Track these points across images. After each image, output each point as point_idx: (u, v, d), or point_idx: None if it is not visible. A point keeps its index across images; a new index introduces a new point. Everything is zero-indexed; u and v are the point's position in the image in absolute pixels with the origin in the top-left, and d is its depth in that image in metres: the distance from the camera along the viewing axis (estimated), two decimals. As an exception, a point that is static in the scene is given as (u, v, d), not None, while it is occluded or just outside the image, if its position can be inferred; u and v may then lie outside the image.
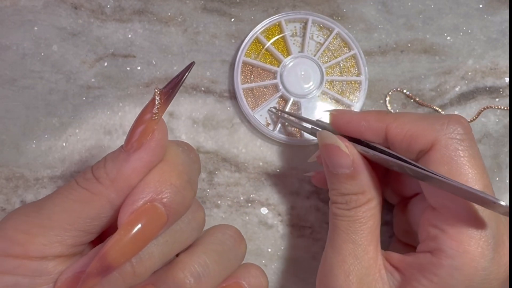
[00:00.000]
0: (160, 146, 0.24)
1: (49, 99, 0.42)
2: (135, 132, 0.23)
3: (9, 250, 0.22)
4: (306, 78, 0.43)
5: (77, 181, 0.24)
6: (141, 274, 0.24)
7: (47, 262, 0.23)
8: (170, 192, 0.23)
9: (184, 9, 0.45)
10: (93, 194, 0.23)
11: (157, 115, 0.23)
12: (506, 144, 0.44)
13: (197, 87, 0.43)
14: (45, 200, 0.24)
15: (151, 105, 0.23)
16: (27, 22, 0.43)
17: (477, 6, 0.46)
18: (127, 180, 0.23)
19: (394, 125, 0.29)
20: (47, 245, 0.22)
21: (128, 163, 0.23)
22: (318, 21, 0.44)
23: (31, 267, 0.22)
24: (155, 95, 0.23)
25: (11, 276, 0.22)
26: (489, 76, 0.45)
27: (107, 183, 0.23)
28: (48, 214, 0.23)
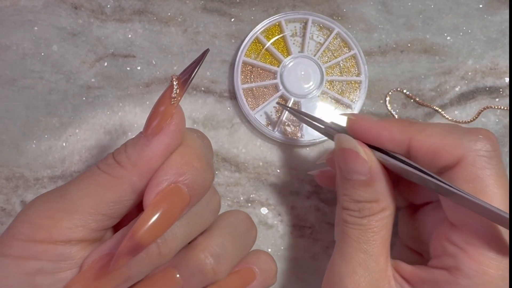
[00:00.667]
0: (179, 130, 0.24)
1: (49, 99, 0.42)
2: (154, 117, 0.24)
3: (34, 235, 0.22)
4: (306, 78, 0.43)
5: (98, 166, 0.24)
6: (166, 254, 0.24)
7: (71, 247, 0.23)
8: (192, 174, 0.24)
9: (184, 9, 0.45)
10: (116, 178, 0.24)
11: (175, 99, 0.24)
12: (506, 144, 0.44)
13: (197, 87, 0.43)
14: (67, 186, 0.24)
15: (169, 91, 0.24)
16: (27, 22, 0.43)
17: (477, 6, 0.46)
18: (148, 163, 0.24)
19: (418, 138, 0.27)
20: (72, 229, 0.23)
21: (148, 147, 0.24)
22: (318, 21, 0.44)
23: (56, 252, 0.23)
24: (172, 80, 0.24)
25: (36, 261, 0.22)
26: (489, 76, 0.45)
27: (128, 167, 0.24)
28: (72, 199, 0.23)
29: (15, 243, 0.23)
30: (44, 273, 0.23)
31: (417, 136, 0.27)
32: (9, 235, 0.23)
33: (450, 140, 0.27)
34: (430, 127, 0.28)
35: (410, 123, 0.29)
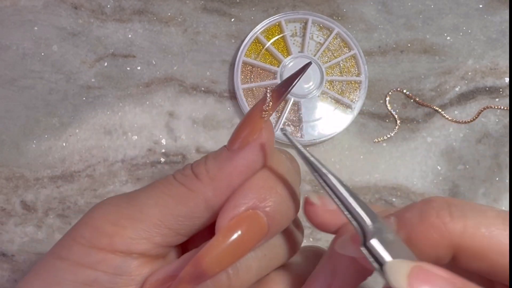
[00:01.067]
0: (266, 147, 0.22)
1: (49, 99, 0.42)
2: (241, 130, 0.22)
3: (95, 240, 0.21)
4: (306, 78, 0.43)
5: (174, 176, 0.22)
6: (237, 286, 0.22)
7: (131, 260, 0.21)
8: (275, 201, 0.21)
9: (184, 9, 0.45)
10: (190, 191, 0.22)
11: (266, 113, 0.22)
12: (506, 144, 0.44)
13: (197, 87, 0.43)
14: (138, 192, 0.22)
15: (261, 103, 0.22)
16: (27, 22, 0.43)
17: (477, 6, 0.46)
18: (227, 179, 0.22)
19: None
20: (135, 240, 0.21)
21: (230, 162, 0.22)
22: (318, 21, 0.44)
23: (114, 263, 0.21)
24: (266, 93, 0.22)
25: (93, 270, 0.21)
26: (489, 76, 0.45)
27: (206, 180, 0.22)
28: (140, 207, 0.22)
29: (75, 247, 0.21)
30: (98, 286, 0.21)
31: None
32: (71, 236, 0.21)
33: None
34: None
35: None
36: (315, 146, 0.43)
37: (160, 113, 0.43)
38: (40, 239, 0.40)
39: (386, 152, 0.43)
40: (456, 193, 0.43)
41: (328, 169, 0.22)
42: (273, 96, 0.22)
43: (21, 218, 0.41)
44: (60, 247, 0.21)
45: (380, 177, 0.43)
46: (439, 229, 0.19)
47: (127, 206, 0.22)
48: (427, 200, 0.20)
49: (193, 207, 0.22)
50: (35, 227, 0.41)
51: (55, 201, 0.41)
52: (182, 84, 0.43)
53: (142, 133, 0.42)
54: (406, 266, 0.18)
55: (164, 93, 0.43)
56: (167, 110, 0.43)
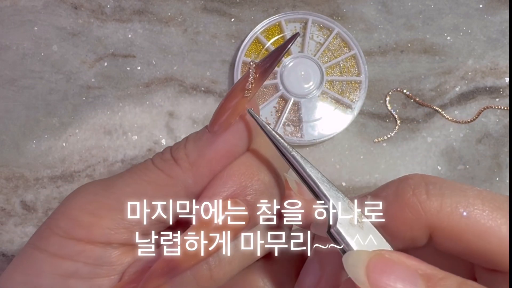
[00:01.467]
0: (250, 129, 0.20)
1: (49, 99, 0.42)
2: (223, 110, 0.20)
3: (73, 232, 0.20)
4: (306, 78, 0.43)
5: (153, 161, 0.21)
6: (218, 279, 0.21)
7: (111, 250, 0.20)
8: (257, 190, 0.20)
9: (184, 9, 0.45)
10: (169, 177, 0.20)
11: (250, 92, 0.20)
12: (506, 144, 0.44)
13: (197, 87, 0.43)
14: (116, 179, 0.21)
15: (244, 80, 0.20)
16: (27, 22, 0.43)
17: (477, 6, 0.46)
18: (208, 165, 0.20)
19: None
20: (113, 230, 0.20)
21: (211, 145, 0.20)
22: (318, 21, 0.44)
23: (94, 254, 0.20)
24: (250, 68, 0.20)
25: (72, 262, 0.20)
26: (489, 76, 0.45)
27: (185, 165, 0.20)
28: (118, 195, 0.20)
29: (52, 238, 0.20)
30: (79, 277, 0.20)
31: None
32: (48, 226, 0.20)
33: None
34: None
35: None
36: (315, 146, 0.43)
37: (160, 113, 0.43)
38: (40, 239, 0.40)
39: (386, 152, 0.43)
40: (456, 193, 0.43)
41: (296, 151, 0.20)
42: (257, 72, 0.20)
43: (21, 218, 0.41)
44: (38, 237, 0.21)
45: (380, 177, 0.43)
46: (415, 208, 0.18)
47: (105, 194, 0.20)
48: (404, 177, 0.19)
49: (173, 195, 0.20)
50: (35, 227, 0.41)
51: (55, 201, 0.41)
52: (182, 84, 0.43)
53: (142, 133, 0.42)
54: (364, 257, 0.17)
55: (164, 93, 0.43)
56: (167, 110, 0.43)
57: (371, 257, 0.17)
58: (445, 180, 0.19)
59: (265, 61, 0.20)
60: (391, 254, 0.17)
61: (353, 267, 0.17)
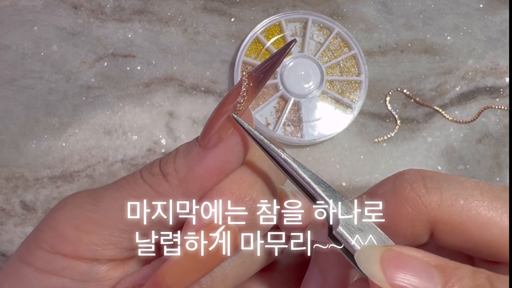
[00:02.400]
0: (243, 144, 0.19)
1: (49, 99, 0.42)
2: (214, 124, 0.19)
3: (58, 247, 0.19)
4: (306, 78, 0.43)
5: (142, 174, 0.20)
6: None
7: (98, 266, 0.20)
8: (249, 210, 0.19)
9: (184, 9, 0.45)
10: (157, 194, 0.19)
11: (242, 105, 0.18)
12: (506, 144, 0.44)
13: (197, 87, 0.43)
14: (103, 192, 0.20)
15: (236, 91, 0.19)
16: (27, 22, 0.43)
17: (477, 6, 0.46)
18: (198, 181, 0.19)
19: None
20: (100, 246, 0.19)
21: (201, 161, 0.19)
22: (318, 21, 0.44)
23: (80, 270, 0.19)
24: (242, 79, 0.19)
25: (58, 277, 0.19)
26: (490, 76, 0.45)
27: (174, 182, 0.19)
28: (105, 210, 0.19)
29: (38, 252, 0.19)
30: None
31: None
32: (34, 240, 0.20)
33: None
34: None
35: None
36: (315, 146, 0.43)
37: (160, 113, 0.43)
38: (39, 239, 0.40)
39: (386, 152, 0.43)
40: (456, 193, 0.43)
41: (287, 154, 0.19)
42: (250, 83, 0.19)
43: (20, 218, 0.41)
44: (25, 250, 0.20)
45: (381, 177, 0.43)
46: (415, 203, 0.18)
47: (91, 209, 0.20)
48: (400, 173, 0.19)
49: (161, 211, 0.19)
50: (35, 227, 0.40)
51: (55, 201, 0.41)
52: (182, 84, 0.43)
53: (142, 133, 0.42)
54: (377, 252, 0.16)
55: (164, 93, 0.43)
56: (167, 110, 0.43)
57: (383, 252, 0.16)
58: (441, 173, 0.19)
59: (258, 71, 0.19)
60: (401, 249, 0.17)
61: (367, 264, 0.16)
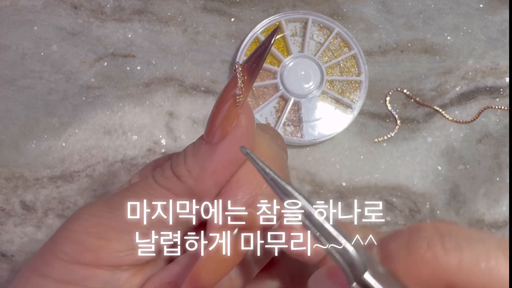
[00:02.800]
0: (248, 134, 0.20)
1: (49, 99, 0.42)
2: (216, 119, 0.19)
3: (80, 257, 0.19)
4: (306, 78, 0.43)
5: (155, 179, 0.21)
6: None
7: (121, 273, 0.20)
8: (268, 194, 0.20)
9: (184, 9, 0.45)
10: (175, 196, 0.20)
11: (241, 96, 0.19)
12: (507, 144, 0.44)
13: (197, 87, 0.43)
14: (118, 199, 0.20)
15: (232, 85, 0.19)
16: (26, 22, 0.43)
17: (477, 6, 0.46)
18: (212, 177, 0.20)
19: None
20: (122, 252, 0.19)
21: (211, 158, 0.19)
22: (318, 21, 0.44)
23: (102, 278, 0.19)
24: (236, 72, 0.19)
25: (79, 287, 0.19)
26: (490, 76, 0.45)
27: (190, 182, 0.20)
28: (123, 216, 0.19)
29: (57, 263, 0.19)
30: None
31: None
32: (51, 251, 0.20)
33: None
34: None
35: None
36: (315, 146, 0.43)
37: (160, 113, 0.43)
38: (39, 239, 0.40)
39: (386, 152, 0.43)
40: (456, 193, 0.43)
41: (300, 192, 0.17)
42: (245, 75, 0.19)
43: (20, 218, 0.41)
44: (40, 262, 0.20)
45: (381, 177, 0.43)
46: (431, 264, 0.16)
47: (110, 217, 0.20)
48: (415, 228, 0.17)
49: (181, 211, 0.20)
50: (35, 227, 0.40)
51: (55, 201, 0.41)
52: (182, 84, 0.43)
53: (142, 133, 0.42)
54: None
55: (164, 93, 0.43)
56: (167, 110, 0.43)
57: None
58: (460, 229, 0.17)
59: (250, 61, 0.19)
60: None
61: None
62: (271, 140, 0.22)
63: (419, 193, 0.43)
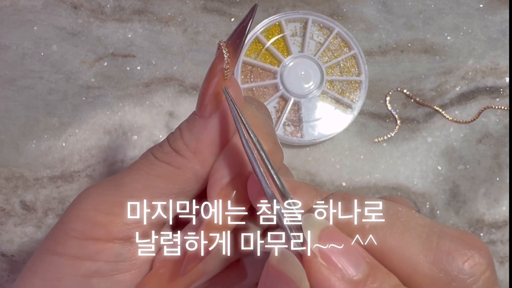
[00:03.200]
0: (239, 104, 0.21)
1: (49, 99, 0.42)
2: (206, 94, 0.21)
3: (90, 232, 0.20)
4: (306, 78, 0.43)
5: (155, 155, 0.22)
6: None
7: (130, 245, 0.21)
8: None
9: (184, 9, 0.45)
10: (177, 169, 0.21)
11: (228, 71, 0.20)
12: (507, 144, 0.44)
13: (197, 87, 0.43)
14: (122, 177, 0.22)
15: (218, 61, 0.20)
16: (26, 22, 0.43)
17: (477, 6, 0.46)
18: (209, 148, 0.21)
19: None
20: (130, 225, 0.21)
21: (206, 130, 0.21)
22: (318, 21, 0.44)
23: (113, 251, 0.21)
24: (221, 48, 0.20)
25: (92, 262, 0.20)
26: (490, 76, 0.45)
27: (189, 155, 0.21)
28: (129, 192, 0.21)
29: (70, 241, 0.20)
30: (101, 275, 0.20)
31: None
32: (62, 231, 0.21)
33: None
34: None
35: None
36: (315, 146, 0.43)
37: (160, 113, 0.43)
38: (39, 239, 0.40)
39: (386, 152, 0.43)
40: (456, 193, 0.43)
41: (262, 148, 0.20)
42: (230, 51, 0.21)
43: (20, 218, 0.41)
44: (53, 242, 0.21)
45: (381, 177, 0.43)
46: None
47: (116, 193, 0.21)
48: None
49: (184, 183, 0.21)
50: (35, 227, 0.40)
51: (55, 201, 0.41)
52: (182, 84, 0.43)
53: (142, 133, 0.42)
54: (323, 222, 0.19)
55: (164, 93, 0.43)
56: (167, 110, 0.43)
57: (329, 225, 0.18)
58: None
59: (233, 38, 0.21)
60: (346, 235, 0.18)
61: (309, 227, 0.18)
62: (256, 110, 0.24)
63: (419, 193, 0.43)
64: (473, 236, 0.19)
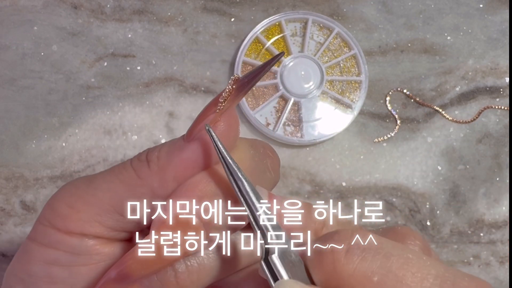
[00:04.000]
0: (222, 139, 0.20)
1: (49, 99, 0.42)
2: (198, 122, 0.20)
3: (53, 222, 0.21)
4: (306, 78, 0.43)
5: (131, 160, 0.22)
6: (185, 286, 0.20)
7: (87, 241, 0.21)
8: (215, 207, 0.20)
9: (184, 9, 0.45)
10: (138, 178, 0.21)
11: (222, 105, 0.20)
12: (507, 144, 0.44)
13: (197, 87, 0.43)
14: (98, 175, 0.22)
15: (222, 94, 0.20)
16: (26, 22, 0.43)
17: (477, 6, 0.46)
18: (173, 171, 0.20)
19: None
20: (87, 223, 0.21)
21: (180, 152, 0.20)
22: (318, 21, 0.44)
23: (71, 243, 0.21)
24: (230, 81, 0.20)
25: (53, 250, 0.21)
26: (490, 76, 0.45)
27: (154, 168, 0.20)
28: (95, 191, 0.21)
29: (39, 228, 0.21)
30: (60, 264, 0.21)
31: None
32: (38, 218, 0.22)
33: None
34: None
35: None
36: (315, 146, 0.43)
37: (160, 113, 0.43)
38: (39, 239, 0.40)
39: (386, 152, 0.43)
40: (456, 193, 0.43)
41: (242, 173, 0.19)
42: (235, 85, 0.20)
43: (20, 218, 0.41)
44: (32, 228, 0.22)
45: (380, 177, 0.43)
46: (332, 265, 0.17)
47: (85, 189, 0.21)
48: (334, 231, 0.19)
49: (139, 196, 0.21)
50: (35, 227, 0.41)
51: (55, 201, 0.41)
52: (182, 84, 0.43)
53: (142, 133, 0.42)
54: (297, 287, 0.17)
55: (164, 93, 0.43)
56: (167, 110, 0.43)
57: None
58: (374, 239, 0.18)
59: (245, 76, 0.20)
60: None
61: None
62: (252, 156, 0.22)
63: (419, 193, 0.43)
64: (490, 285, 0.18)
